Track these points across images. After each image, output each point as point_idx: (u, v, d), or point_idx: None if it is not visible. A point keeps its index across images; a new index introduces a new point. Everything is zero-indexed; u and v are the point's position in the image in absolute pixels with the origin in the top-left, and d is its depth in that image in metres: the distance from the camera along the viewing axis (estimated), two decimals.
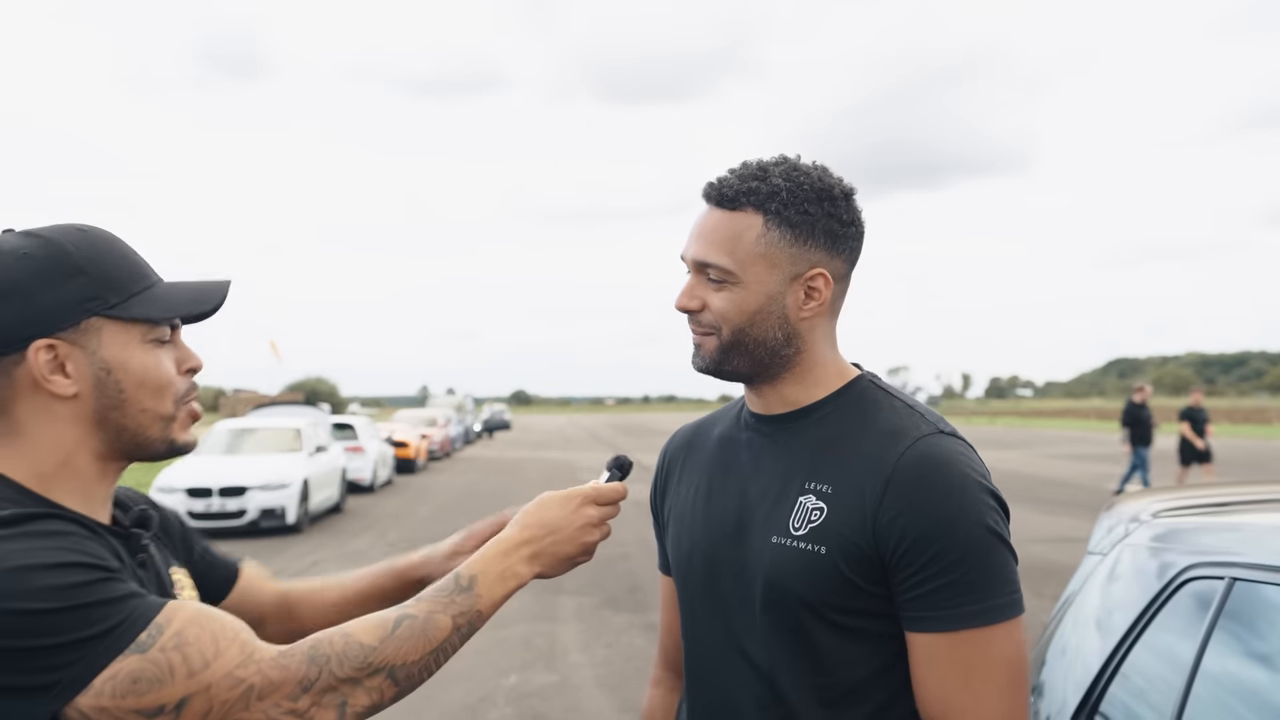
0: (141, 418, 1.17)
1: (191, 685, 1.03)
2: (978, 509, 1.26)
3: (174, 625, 1.04)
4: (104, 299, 1.14)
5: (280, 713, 1.06)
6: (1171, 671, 1.65)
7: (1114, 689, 1.82)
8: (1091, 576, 2.11)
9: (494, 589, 1.20)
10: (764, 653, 1.34)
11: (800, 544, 1.31)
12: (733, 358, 1.36)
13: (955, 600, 1.24)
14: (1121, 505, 2.21)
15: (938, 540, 1.24)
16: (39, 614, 0.99)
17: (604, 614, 7.91)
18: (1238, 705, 1.53)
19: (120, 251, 1.19)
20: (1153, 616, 1.77)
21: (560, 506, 1.27)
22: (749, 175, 1.35)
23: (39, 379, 1.13)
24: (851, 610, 1.30)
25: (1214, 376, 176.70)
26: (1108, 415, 76.27)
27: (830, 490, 1.32)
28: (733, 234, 1.33)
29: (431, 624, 1.15)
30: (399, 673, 1.12)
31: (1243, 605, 1.57)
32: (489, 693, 5.83)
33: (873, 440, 1.32)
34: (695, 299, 1.36)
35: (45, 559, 1.02)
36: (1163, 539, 1.90)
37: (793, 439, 1.39)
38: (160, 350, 1.19)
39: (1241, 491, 2.21)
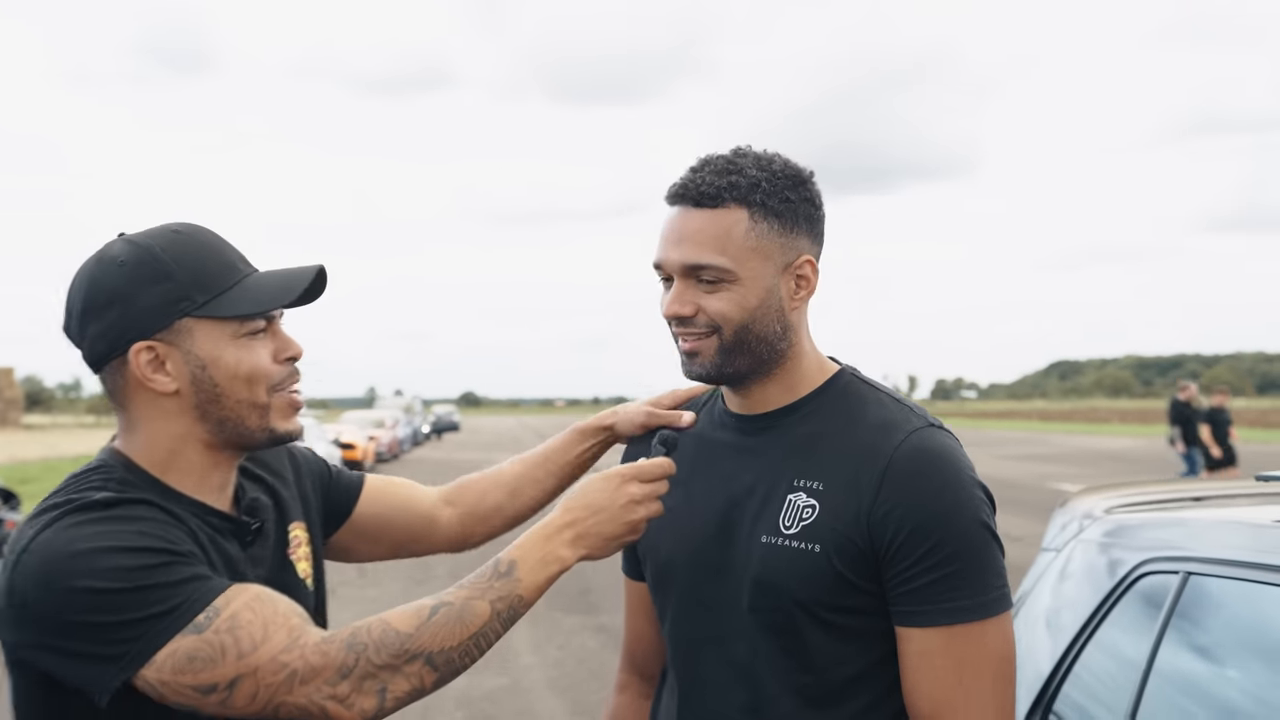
0: (238, 409, 1.22)
1: (241, 667, 1.09)
2: (972, 503, 1.25)
3: (230, 608, 1.11)
4: (192, 300, 1.20)
5: (323, 698, 1.11)
6: (1126, 668, 1.65)
7: (1067, 688, 1.81)
8: (1044, 575, 2.11)
9: (535, 574, 1.21)
10: (751, 654, 1.32)
11: (793, 543, 1.29)
12: (735, 359, 1.32)
13: (949, 595, 1.23)
14: (1075, 502, 2.22)
15: (933, 534, 1.23)
16: (106, 592, 1.08)
17: (555, 616, 7.86)
18: (1193, 701, 1.53)
19: (212, 249, 1.24)
20: (1106, 613, 1.78)
21: (603, 486, 1.26)
22: (722, 170, 1.31)
23: (142, 378, 1.21)
24: (843, 608, 1.28)
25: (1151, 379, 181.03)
26: (1050, 416, 77.73)
27: (821, 487, 1.30)
28: (721, 232, 1.29)
29: (469, 610, 1.16)
30: (437, 659, 1.14)
31: (1198, 599, 1.57)
32: (438, 697, 5.75)
33: (864, 434, 1.30)
34: (688, 304, 1.31)
35: (118, 543, 1.10)
36: (1115, 535, 1.91)
37: (778, 437, 1.36)
38: (254, 342, 1.23)
39: (1192, 488, 2.23)
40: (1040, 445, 34.82)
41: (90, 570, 1.08)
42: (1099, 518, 2.03)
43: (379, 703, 1.12)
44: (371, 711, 1.13)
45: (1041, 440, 39.34)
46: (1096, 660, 1.77)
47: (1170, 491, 2.16)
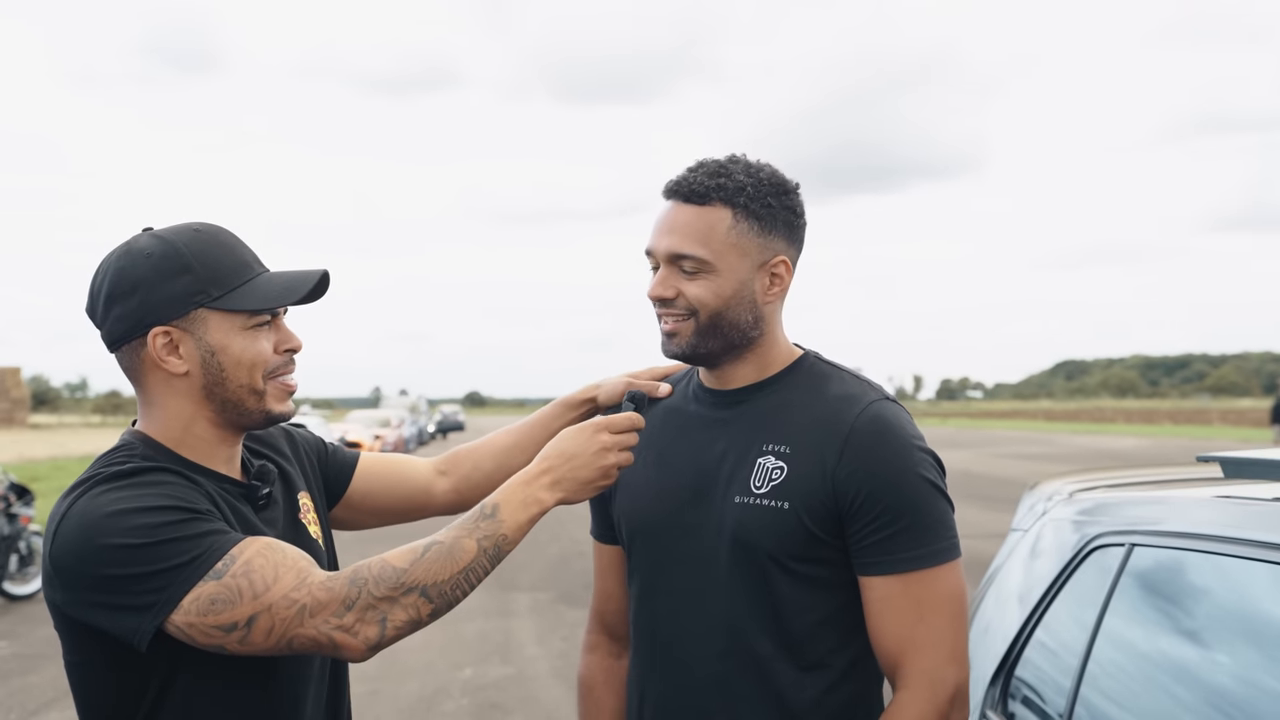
0: (239, 392, 1.36)
1: (256, 606, 1.22)
2: (922, 465, 1.43)
3: (244, 556, 1.24)
4: (208, 293, 1.34)
5: (330, 629, 1.24)
6: (1077, 633, 1.80)
7: (1028, 653, 1.96)
8: (1014, 552, 2.26)
9: (517, 514, 1.33)
10: (727, 605, 1.46)
11: (764, 501, 1.45)
12: (708, 340, 1.48)
13: (905, 545, 1.40)
14: (1043, 485, 2.37)
15: (889, 492, 1.40)
16: (136, 547, 1.22)
17: (559, 609, 8.00)
18: (1135, 661, 1.68)
19: (228, 248, 1.38)
20: (1063, 584, 1.92)
21: (576, 436, 1.39)
22: (713, 173, 1.47)
23: (157, 359, 1.34)
24: (810, 559, 1.44)
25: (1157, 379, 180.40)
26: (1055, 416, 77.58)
27: (789, 450, 1.46)
28: (705, 226, 1.45)
29: (458, 547, 1.29)
30: (431, 591, 1.27)
31: (1141, 568, 1.72)
32: (445, 685, 5.90)
33: (828, 405, 1.47)
34: (670, 288, 1.47)
35: (143, 504, 1.25)
36: (1076, 513, 2.05)
37: (749, 409, 1.52)
38: (259, 333, 1.37)
39: (1151, 473, 2.37)
40: (1043, 445, 34.86)
41: (121, 529, 1.22)
42: (1064, 499, 2.17)
43: (380, 632, 1.24)
44: (375, 639, 1.25)
45: (1045, 440, 39.36)
46: (1054, 626, 1.92)
47: (1131, 476, 2.30)
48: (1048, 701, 1.85)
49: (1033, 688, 1.93)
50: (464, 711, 5.41)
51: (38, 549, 8.77)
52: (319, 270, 1.40)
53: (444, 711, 5.41)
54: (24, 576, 8.64)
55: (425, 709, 5.45)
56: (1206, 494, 1.76)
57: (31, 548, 8.70)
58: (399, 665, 6.32)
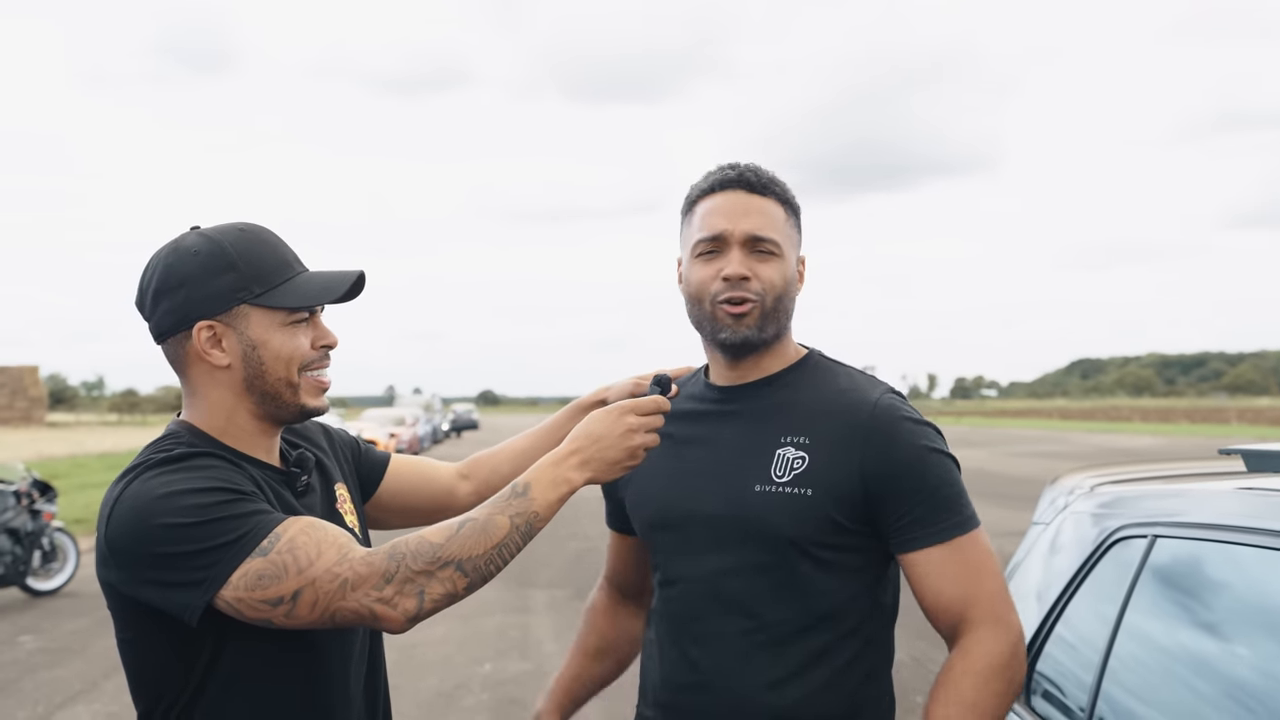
0: (277, 385, 1.42)
1: (301, 580, 1.28)
2: (937, 441, 1.55)
3: (288, 534, 1.30)
4: (250, 290, 1.40)
5: (371, 601, 1.29)
6: (1098, 626, 1.81)
7: (1049, 647, 1.98)
8: (1035, 546, 2.27)
9: (547, 493, 1.38)
10: (748, 587, 1.54)
11: (786, 489, 1.52)
12: (769, 324, 1.57)
13: (945, 515, 1.50)
14: (1064, 479, 2.38)
15: (917, 473, 1.51)
16: (186, 526, 1.27)
17: (576, 605, 8.02)
18: (1157, 654, 1.69)
19: (271, 246, 1.44)
20: (1084, 577, 1.94)
21: (603, 418, 1.44)
22: (758, 171, 1.61)
23: (201, 352, 1.40)
24: (830, 545, 1.52)
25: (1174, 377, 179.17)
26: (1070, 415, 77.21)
27: (808, 441, 1.54)
28: (772, 215, 1.58)
29: (491, 524, 1.34)
30: (466, 565, 1.32)
31: (1163, 560, 1.74)
32: (465, 680, 5.95)
33: (841, 398, 1.57)
34: (748, 267, 1.55)
35: (192, 485, 1.30)
36: (1097, 506, 2.06)
37: (759, 403, 1.60)
38: (298, 329, 1.43)
39: (1172, 466, 2.38)
40: (1057, 443, 34.72)
41: (172, 509, 1.27)
42: (1085, 492, 2.19)
43: (419, 604, 1.30)
44: (413, 611, 1.30)
45: (1059, 439, 39.20)
46: (1075, 620, 1.93)
47: (1152, 470, 2.31)
48: (1069, 696, 1.86)
49: (1054, 682, 1.94)
50: (483, 706, 5.45)
51: (61, 545, 8.85)
52: (356, 270, 1.46)
53: (464, 706, 5.45)
54: (48, 572, 8.73)
55: (445, 704, 5.50)
56: (1229, 486, 1.77)
57: (55, 544, 8.78)
58: (418, 660, 6.37)
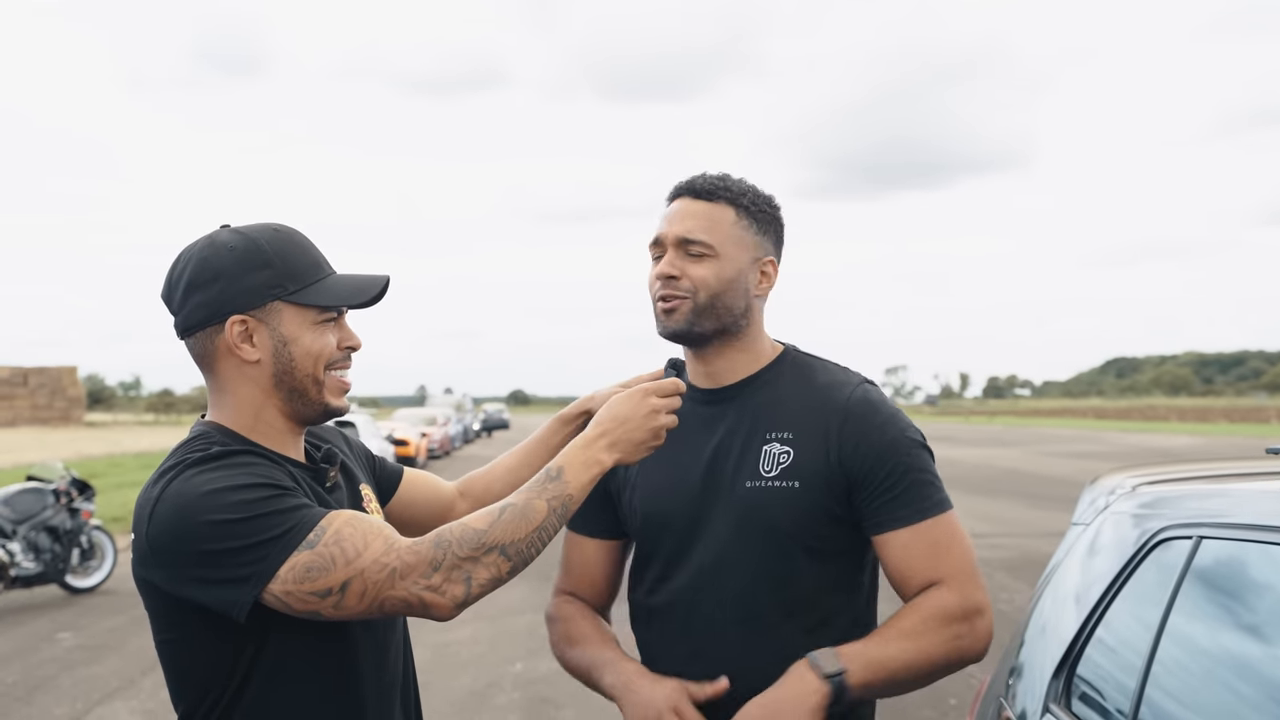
0: (305, 381, 1.44)
1: (349, 571, 1.29)
2: (909, 429, 1.66)
3: (334, 526, 1.32)
4: (285, 287, 1.42)
5: (419, 589, 1.31)
6: (1141, 629, 1.78)
7: (1089, 651, 1.94)
8: (1074, 547, 2.24)
9: (579, 475, 1.42)
10: (745, 578, 1.64)
11: (775, 482, 1.63)
12: (703, 320, 1.65)
13: (914, 499, 1.61)
14: (1104, 479, 2.34)
15: (889, 458, 1.61)
16: (230, 523, 1.28)
17: None
18: (1202, 658, 1.65)
19: (303, 248, 1.47)
20: (1126, 579, 1.90)
21: (627, 401, 1.48)
22: (718, 178, 1.69)
23: (232, 346, 1.42)
24: (819, 534, 1.63)
25: (1212, 376, 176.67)
26: (1106, 415, 76.31)
27: (792, 436, 1.65)
28: (713, 218, 1.66)
29: (530, 508, 1.37)
30: (509, 549, 1.34)
31: (1209, 562, 1.70)
32: (496, 679, 5.96)
33: (820, 392, 1.68)
34: (676, 268, 1.65)
35: (235, 482, 1.31)
36: (1139, 507, 2.03)
37: (743, 403, 1.69)
38: (327, 328, 1.46)
39: (1216, 466, 2.34)
40: (1092, 443, 34.32)
41: (217, 506, 1.28)
42: (1126, 492, 2.15)
43: (466, 590, 1.32)
44: (461, 598, 1.32)
45: (1094, 438, 38.75)
46: (1117, 623, 1.90)
47: (1195, 469, 2.27)
48: (1110, 700, 1.82)
49: (1094, 686, 1.90)
50: (515, 705, 5.46)
51: (99, 543, 8.97)
52: (384, 276, 1.49)
53: (496, 705, 5.46)
54: (86, 570, 8.85)
55: (478, 702, 5.51)
56: (1277, 486, 1.73)
57: (93, 542, 8.90)
58: (451, 659, 6.40)
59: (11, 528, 8.22)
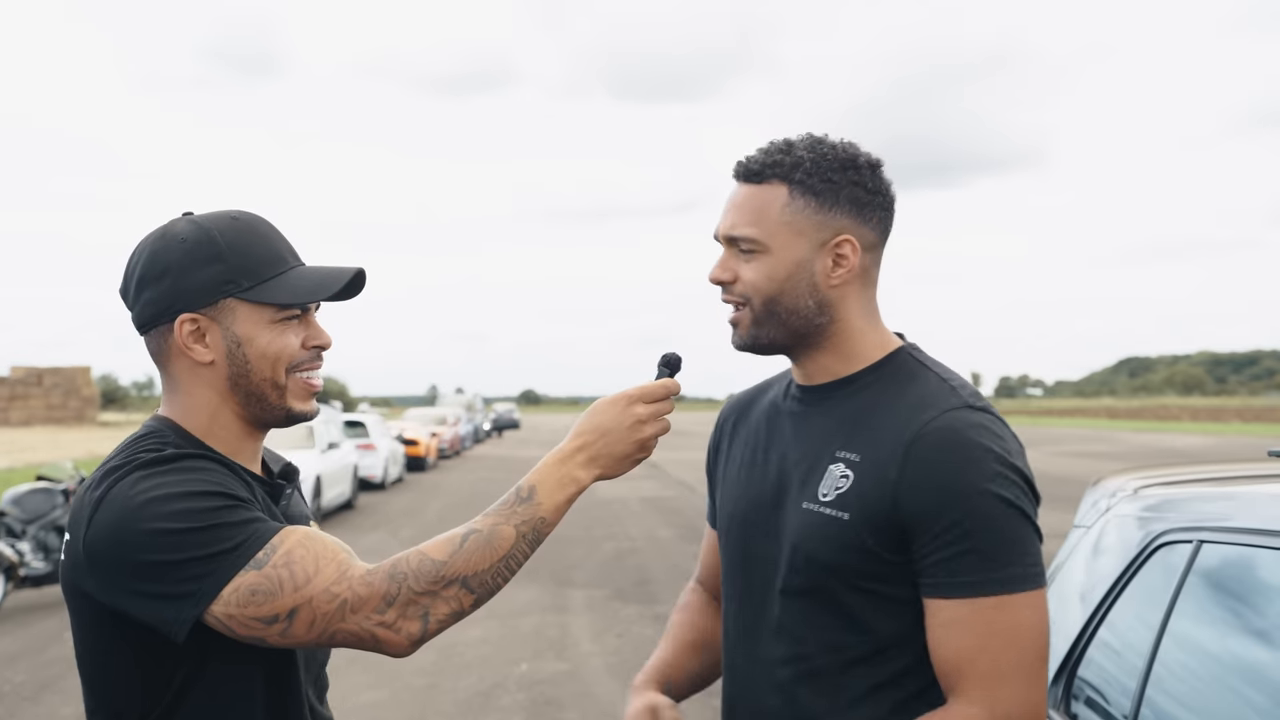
0: (263, 385, 1.32)
1: (297, 598, 1.18)
2: (996, 480, 1.28)
3: (285, 546, 1.21)
4: (237, 283, 1.30)
5: (372, 625, 1.20)
6: (1142, 632, 1.76)
7: (1091, 653, 1.92)
8: (1076, 549, 2.22)
9: (554, 495, 1.28)
10: (792, 614, 1.39)
11: (826, 510, 1.36)
12: (767, 329, 1.40)
13: (972, 567, 1.27)
14: (1106, 481, 2.32)
15: (952, 510, 1.27)
16: (175, 533, 1.17)
17: (614, 606, 8.02)
18: (1204, 663, 1.64)
19: (264, 238, 1.34)
20: (1128, 582, 1.88)
21: (608, 409, 1.32)
22: (774, 150, 1.41)
23: (183, 346, 1.31)
24: (871, 575, 1.33)
25: (1225, 376, 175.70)
26: (1118, 414, 75.99)
27: (858, 459, 1.36)
28: (759, 205, 1.39)
29: (496, 535, 1.24)
30: (472, 581, 1.23)
31: (1210, 566, 1.68)
32: (501, 680, 5.95)
33: (903, 410, 1.35)
34: (727, 271, 1.41)
35: (185, 489, 1.20)
36: (1141, 510, 2.01)
37: (832, 409, 1.43)
38: (287, 327, 1.33)
39: (1224, 469, 2.31)
40: (1104, 443, 34.17)
41: (163, 514, 1.17)
42: (1128, 495, 2.13)
43: (423, 626, 1.21)
44: (417, 635, 1.21)
45: (1106, 438, 38.58)
46: (1119, 625, 1.88)
47: (1198, 471, 2.25)
48: (1112, 702, 1.81)
49: (1096, 688, 1.89)
50: (520, 706, 5.45)
51: None
52: (353, 268, 1.36)
53: (500, 706, 5.45)
54: None
55: (482, 703, 5.50)
56: (1278, 489, 1.71)
57: None
58: (456, 659, 6.39)
59: (21, 527, 8.25)
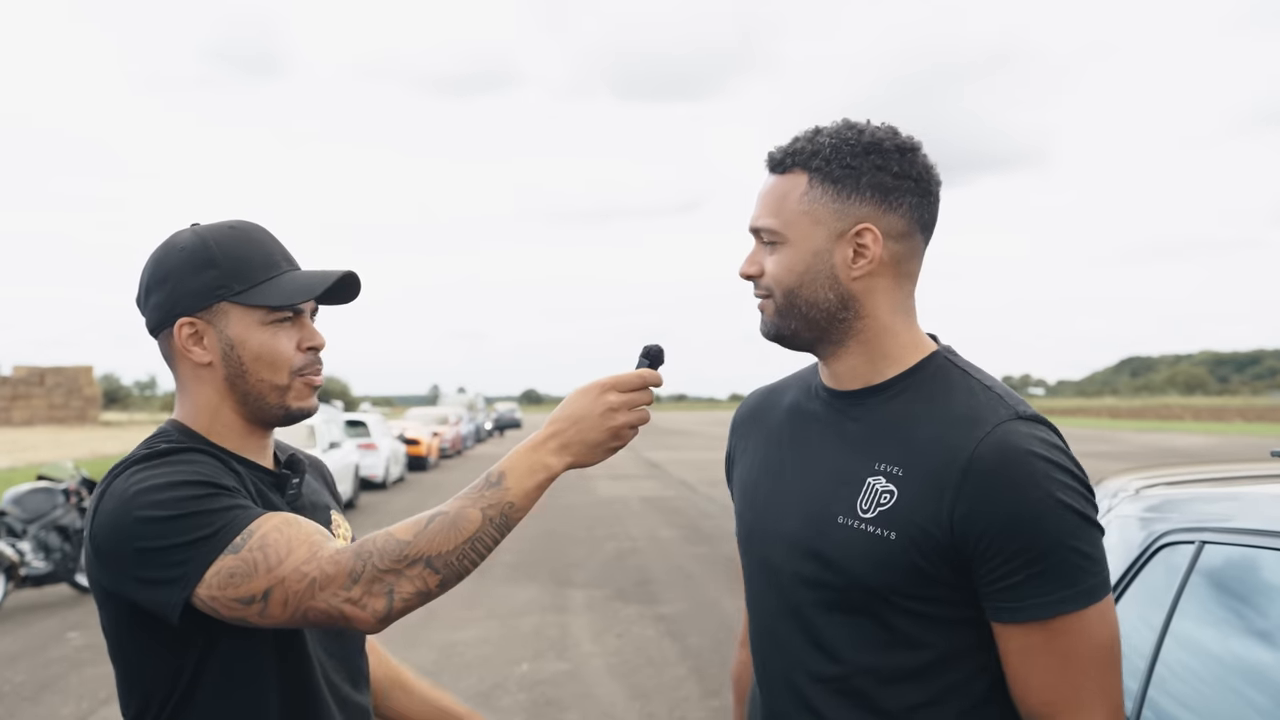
0: (260, 386, 1.39)
1: (270, 579, 1.24)
2: (1063, 490, 1.23)
3: (261, 530, 1.26)
4: (230, 288, 1.38)
5: (339, 601, 1.24)
6: (1144, 634, 1.75)
7: None
8: None
9: (524, 481, 1.29)
10: (826, 628, 1.34)
11: (869, 528, 1.29)
12: (789, 321, 1.36)
13: (1047, 589, 1.22)
14: (1107, 481, 2.31)
15: (1024, 532, 1.21)
16: (163, 520, 1.25)
17: (614, 606, 8.01)
18: (1206, 664, 1.62)
19: (259, 244, 1.41)
20: (1129, 583, 1.87)
21: (581, 397, 1.33)
22: (800, 138, 1.37)
23: (183, 349, 1.39)
24: (917, 596, 1.28)
25: (1227, 375, 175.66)
26: (1120, 414, 75.95)
27: (901, 473, 1.29)
28: (780, 195, 1.36)
29: (462, 517, 1.26)
30: (436, 562, 1.25)
31: (1212, 567, 1.67)
32: (502, 680, 5.95)
33: (948, 425, 1.28)
34: (754, 264, 1.39)
35: (170, 479, 1.28)
36: (1143, 510, 1.99)
37: (864, 416, 1.36)
38: (280, 329, 1.39)
39: (1227, 469, 2.30)
40: (1105, 443, 34.13)
41: (150, 503, 1.26)
42: (1129, 495, 2.11)
43: (388, 604, 1.24)
44: (383, 611, 1.24)
45: (1107, 438, 38.56)
46: (1122, 623, 1.86)
47: (1201, 472, 2.23)
48: None
49: None
50: (520, 707, 5.44)
51: None
52: (340, 270, 1.41)
53: (501, 706, 5.44)
54: None
55: (483, 703, 5.50)
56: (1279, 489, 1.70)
57: None
58: (456, 660, 6.39)
59: (22, 527, 8.25)
